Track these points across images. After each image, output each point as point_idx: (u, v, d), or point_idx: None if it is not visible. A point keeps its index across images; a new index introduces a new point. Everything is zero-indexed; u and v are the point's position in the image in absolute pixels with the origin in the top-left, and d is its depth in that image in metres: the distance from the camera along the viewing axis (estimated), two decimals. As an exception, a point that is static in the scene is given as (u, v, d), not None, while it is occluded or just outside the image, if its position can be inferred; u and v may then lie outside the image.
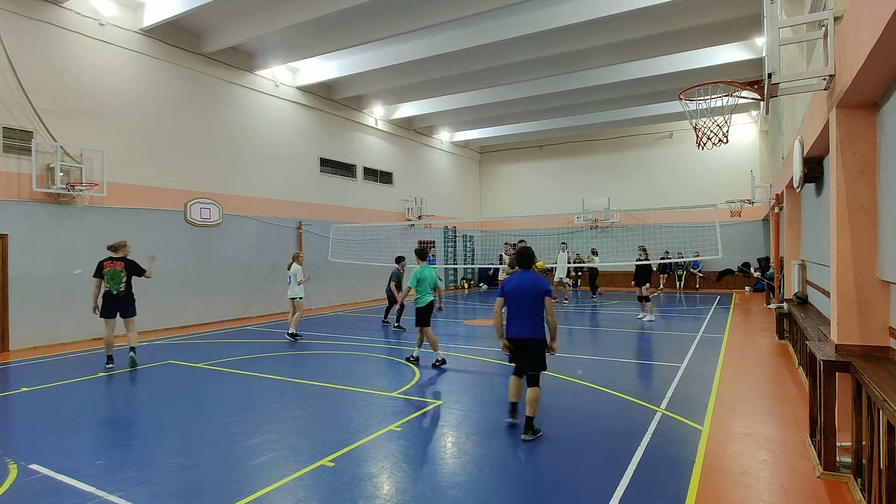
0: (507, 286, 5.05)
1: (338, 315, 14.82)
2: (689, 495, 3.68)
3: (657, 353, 8.91)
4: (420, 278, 7.91)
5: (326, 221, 16.70)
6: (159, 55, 12.08)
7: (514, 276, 5.11)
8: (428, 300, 7.99)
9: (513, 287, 5.02)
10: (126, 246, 8.30)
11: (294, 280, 10.42)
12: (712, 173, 21.38)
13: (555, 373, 7.38)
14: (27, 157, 9.85)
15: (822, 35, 4.32)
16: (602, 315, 14.03)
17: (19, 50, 9.79)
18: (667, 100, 17.93)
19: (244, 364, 8.25)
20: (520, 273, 5.13)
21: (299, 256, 10.77)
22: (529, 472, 4.12)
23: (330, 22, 11.85)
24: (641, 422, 5.24)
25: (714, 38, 12.86)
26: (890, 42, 2.97)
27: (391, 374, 7.53)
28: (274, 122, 15.21)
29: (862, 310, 4.14)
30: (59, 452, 4.62)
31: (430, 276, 8.05)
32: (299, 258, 10.73)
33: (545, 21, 11.83)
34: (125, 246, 8.27)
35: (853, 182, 4.18)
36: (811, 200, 8.17)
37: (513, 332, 4.98)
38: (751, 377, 7.09)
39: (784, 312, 9.31)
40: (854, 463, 3.79)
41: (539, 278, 5.06)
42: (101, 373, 7.77)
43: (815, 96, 5.72)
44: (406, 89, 16.87)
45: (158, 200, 12.07)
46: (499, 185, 26.78)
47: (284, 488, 3.86)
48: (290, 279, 10.48)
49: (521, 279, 5.04)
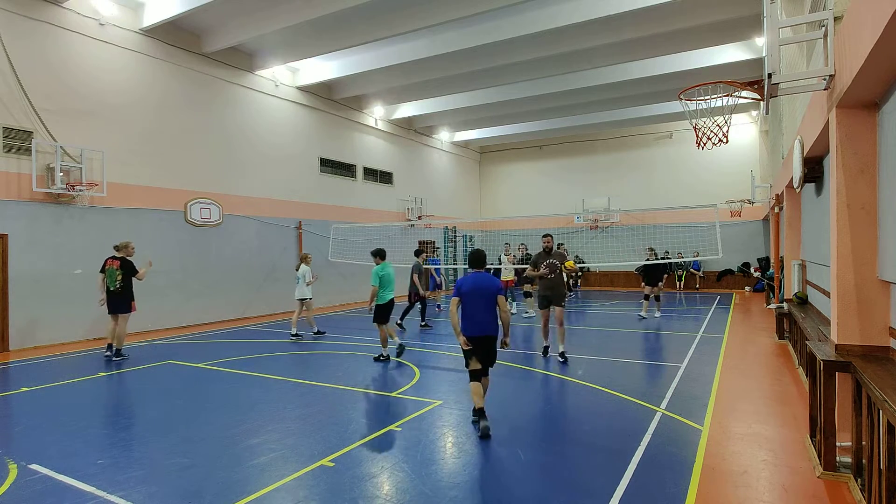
0: (464, 287, 5.20)
1: (338, 315, 14.82)
2: (688, 495, 3.68)
3: (657, 353, 8.91)
4: (382, 276, 8.22)
5: (326, 221, 16.70)
6: (159, 55, 12.08)
7: (470, 277, 5.27)
8: (389, 298, 8.30)
9: (469, 287, 5.18)
10: (128, 247, 8.92)
11: (303, 281, 10.51)
12: (712, 173, 21.38)
13: (555, 373, 7.38)
14: (27, 157, 9.85)
15: (822, 35, 4.32)
16: (602, 315, 14.03)
17: (19, 50, 9.79)
18: (667, 100, 17.93)
19: (244, 364, 8.25)
20: (475, 274, 5.30)
21: (307, 257, 10.91)
22: (529, 471, 4.11)
23: (330, 22, 11.85)
24: (641, 422, 5.24)
25: (714, 38, 12.86)
26: (890, 42, 2.97)
27: (391, 374, 7.53)
28: (274, 122, 15.21)
29: (862, 310, 4.13)
30: (59, 452, 4.62)
31: (390, 274, 8.37)
32: (307, 259, 10.87)
33: (545, 21, 11.83)
34: (127, 246, 8.89)
35: (853, 182, 4.18)
36: (811, 200, 8.16)
37: (472, 331, 5.13)
38: (751, 377, 7.09)
39: (784, 312, 9.31)
40: (854, 463, 3.79)
41: (492, 279, 5.29)
42: (101, 373, 7.78)
43: (815, 96, 5.71)
44: (406, 89, 16.87)
45: (158, 200, 12.07)
46: (499, 185, 26.78)
47: (284, 488, 3.86)
48: (298, 280, 10.59)
49: (476, 279, 5.22)
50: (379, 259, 8.42)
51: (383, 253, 8.51)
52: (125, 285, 8.66)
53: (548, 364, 7.94)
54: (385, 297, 8.26)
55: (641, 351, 9.24)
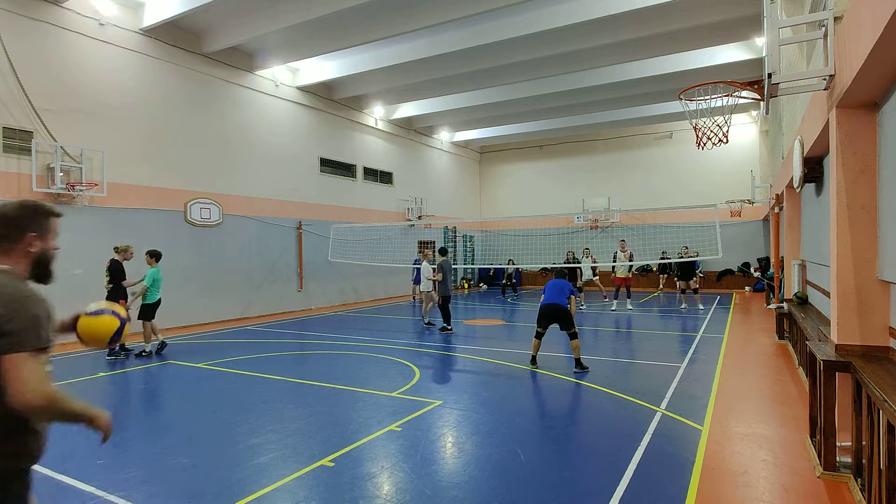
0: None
1: (338, 315, 14.82)
2: (689, 495, 3.68)
3: (657, 353, 8.91)
4: (156, 279, 9.10)
5: (326, 221, 16.69)
6: (159, 55, 12.08)
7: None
8: (157, 297, 9.13)
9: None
10: (127, 250, 9.10)
11: (423, 276, 11.71)
12: (712, 173, 21.37)
13: (555, 373, 7.38)
14: (27, 157, 9.85)
15: (822, 35, 4.32)
16: (602, 315, 14.03)
17: (19, 50, 9.79)
18: (667, 100, 17.92)
19: (244, 364, 8.25)
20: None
21: (428, 254, 12.12)
22: (529, 471, 4.12)
23: (330, 22, 11.84)
24: (641, 422, 5.24)
25: (714, 38, 12.86)
26: (890, 42, 2.97)
27: (391, 374, 7.53)
28: (274, 122, 15.21)
29: (862, 310, 4.13)
30: (59, 452, 4.61)
31: (161, 277, 9.29)
32: (428, 255, 12.04)
33: (545, 21, 11.83)
34: (126, 250, 9.11)
35: (853, 182, 4.18)
36: (811, 200, 8.16)
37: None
38: (751, 377, 7.10)
39: (784, 312, 9.31)
40: (854, 463, 3.79)
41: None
42: (101, 373, 7.79)
43: (815, 96, 5.71)
44: (406, 89, 16.86)
45: (158, 200, 12.07)
46: (499, 185, 26.77)
47: (285, 488, 3.86)
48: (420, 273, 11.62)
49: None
50: (155, 261, 9.15)
51: (159, 255, 9.25)
52: (112, 288, 8.80)
53: (547, 364, 7.94)
54: (154, 298, 9.06)
55: (641, 351, 9.24)
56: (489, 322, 12.76)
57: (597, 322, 12.60)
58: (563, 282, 7.90)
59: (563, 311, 7.57)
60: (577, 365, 7.45)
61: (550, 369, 7.59)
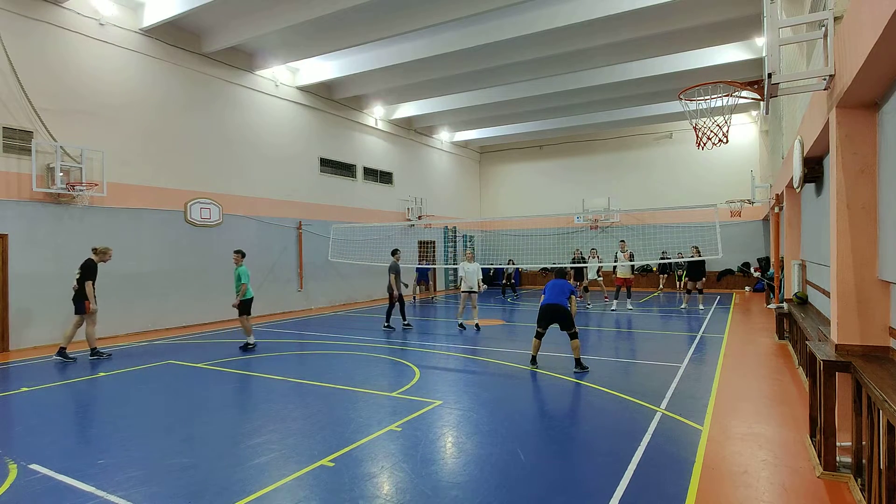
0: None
1: (338, 315, 14.82)
2: (689, 495, 3.68)
3: (657, 353, 8.91)
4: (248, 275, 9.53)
5: (326, 221, 16.70)
6: (159, 55, 12.08)
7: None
8: (252, 293, 9.61)
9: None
10: (106, 252, 9.03)
11: (465, 275, 11.86)
12: (712, 173, 21.37)
13: (555, 373, 7.38)
14: (27, 157, 9.85)
15: (822, 35, 4.32)
16: (602, 315, 14.03)
17: (19, 50, 9.79)
18: (667, 100, 17.93)
19: (244, 364, 8.25)
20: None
21: (470, 255, 12.14)
22: (529, 471, 4.12)
23: (330, 22, 11.85)
24: (641, 422, 5.24)
25: (714, 38, 12.86)
26: (890, 42, 2.97)
27: (391, 374, 7.53)
28: (274, 122, 15.21)
29: (862, 310, 4.13)
30: (59, 452, 4.62)
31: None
32: (470, 256, 12.08)
33: (545, 21, 11.83)
34: (104, 252, 9.03)
35: (853, 182, 4.18)
36: (811, 200, 8.17)
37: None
38: (751, 377, 7.09)
39: (784, 312, 9.31)
40: (854, 463, 3.79)
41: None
42: (101, 373, 7.78)
43: (815, 96, 5.72)
44: (406, 89, 16.86)
45: (158, 200, 12.07)
46: (499, 185, 26.77)
47: (285, 488, 3.86)
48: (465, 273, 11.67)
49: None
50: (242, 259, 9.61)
51: (245, 253, 9.75)
52: (80, 286, 8.68)
53: (547, 364, 7.94)
54: (251, 293, 9.60)
55: (641, 351, 9.24)
56: (489, 322, 12.76)
57: (597, 322, 12.59)
58: (563, 282, 7.91)
59: (563, 312, 7.58)
60: (577, 365, 7.45)
61: (550, 369, 7.59)
